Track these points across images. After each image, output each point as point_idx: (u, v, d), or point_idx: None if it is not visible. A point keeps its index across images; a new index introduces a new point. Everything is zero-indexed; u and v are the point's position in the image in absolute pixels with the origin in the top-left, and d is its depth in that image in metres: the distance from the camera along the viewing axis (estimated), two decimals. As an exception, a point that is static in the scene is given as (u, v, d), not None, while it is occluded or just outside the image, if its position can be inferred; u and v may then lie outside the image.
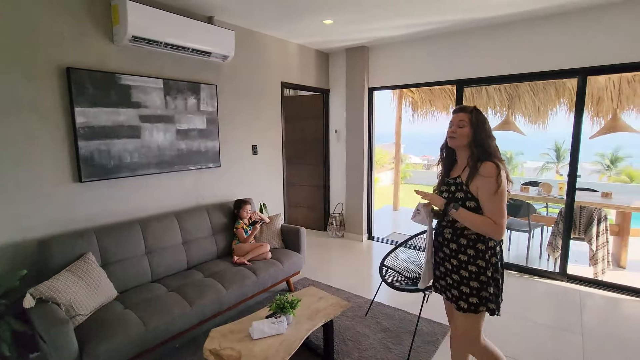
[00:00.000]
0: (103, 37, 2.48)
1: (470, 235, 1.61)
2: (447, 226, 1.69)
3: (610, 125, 4.61)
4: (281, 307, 2.02)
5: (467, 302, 1.61)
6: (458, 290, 1.64)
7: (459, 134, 1.62)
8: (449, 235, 1.68)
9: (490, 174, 1.52)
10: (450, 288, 1.69)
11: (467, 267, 1.61)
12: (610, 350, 2.37)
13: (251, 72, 3.66)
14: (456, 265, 1.65)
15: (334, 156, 4.94)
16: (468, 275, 1.61)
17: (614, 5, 2.92)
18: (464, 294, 1.62)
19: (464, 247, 1.62)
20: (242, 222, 3.11)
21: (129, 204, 2.71)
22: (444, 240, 1.71)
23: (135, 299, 2.25)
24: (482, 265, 1.58)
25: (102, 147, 2.48)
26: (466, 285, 1.61)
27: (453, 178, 1.69)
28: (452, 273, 1.67)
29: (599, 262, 3.47)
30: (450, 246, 1.67)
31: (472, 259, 1.60)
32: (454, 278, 1.66)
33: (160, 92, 2.81)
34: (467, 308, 1.61)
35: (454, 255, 1.66)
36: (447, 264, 1.70)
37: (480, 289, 1.58)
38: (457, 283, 1.64)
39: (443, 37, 3.83)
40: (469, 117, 1.62)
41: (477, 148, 1.59)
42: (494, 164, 1.54)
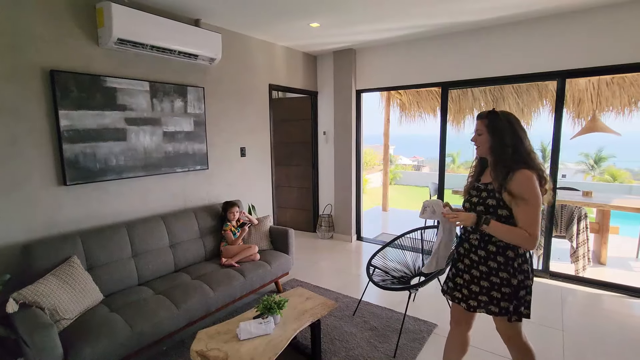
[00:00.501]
0: (88, 40, 2.47)
1: (498, 242, 1.57)
2: (475, 232, 1.64)
3: (589, 126, 4.75)
4: (268, 308, 2.04)
5: (498, 307, 1.58)
6: (488, 296, 1.61)
7: (479, 142, 1.61)
8: (477, 242, 1.63)
9: (523, 182, 1.46)
10: (477, 295, 1.64)
11: (497, 274, 1.58)
12: (589, 344, 2.45)
13: (239, 75, 3.67)
14: (486, 272, 1.61)
15: (323, 158, 4.98)
16: (499, 282, 1.58)
17: (591, 10, 3.03)
18: (494, 299, 1.59)
19: (492, 254, 1.59)
20: (230, 224, 3.12)
21: (115, 207, 2.70)
22: (471, 247, 1.66)
23: (121, 302, 2.25)
24: (511, 271, 1.56)
25: (87, 150, 2.46)
26: (497, 291, 1.58)
27: (484, 184, 1.64)
28: (481, 280, 1.63)
29: (580, 259, 3.57)
30: (478, 253, 1.63)
31: (502, 265, 1.57)
32: (482, 285, 1.62)
33: (146, 95, 2.80)
34: (498, 312, 1.59)
35: (482, 262, 1.62)
36: (474, 271, 1.65)
37: (511, 295, 1.56)
38: (487, 289, 1.61)
39: (428, 40, 3.91)
40: (484, 124, 1.59)
41: (496, 153, 1.55)
42: (528, 171, 1.47)
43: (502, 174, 1.52)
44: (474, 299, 1.66)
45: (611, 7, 2.94)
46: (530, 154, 1.54)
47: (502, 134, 1.54)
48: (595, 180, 12.87)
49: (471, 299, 1.67)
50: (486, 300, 1.62)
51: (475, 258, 1.65)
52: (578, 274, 3.53)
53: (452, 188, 5.44)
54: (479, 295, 1.64)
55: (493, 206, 1.56)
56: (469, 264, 1.68)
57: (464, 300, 1.70)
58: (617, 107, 5.19)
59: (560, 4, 2.91)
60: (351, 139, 4.62)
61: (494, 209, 1.55)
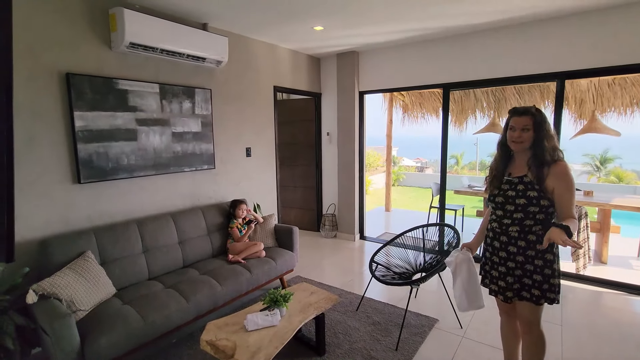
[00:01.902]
0: (101, 44, 2.58)
1: (538, 232, 1.65)
2: (514, 224, 1.69)
3: (588, 127, 4.80)
4: (274, 301, 2.12)
5: (529, 293, 1.67)
6: (520, 284, 1.69)
7: (525, 138, 1.65)
8: (516, 234, 1.69)
9: (565, 173, 1.59)
10: (512, 285, 1.72)
11: (533, 262, 1.66)
12: (587, 339, 2.51)
13: (244, 77, 3.77)
14: (521, 262, 1.68)
15: (326, 158, 5.06)
16: (533, 269, 1.66)
17: (589, 13, 3.09)
18: (526, 285, 1.68)
19: (532, 242, 1.66)
20: (236, 222, 3.21)
21: (127, 205, 2.80)
22: (510, 239, 1.71)
23: (133, 295, 2.34)
24: (549, 258, 1.64)
25: (100, 149, 2.56)
26: (529, 278, 1.67)
27: (518, 177, 1.70)
28: (516, 270, 1.70)
29: (581, 257, 3.61)
30: (518, 244, 1.69)
31: (540, 253, 1.64)
32: (516, 274, 1.70)
33: (156, 97, 2.91)
34: (529, 298, 1.67)
35: (521, 253, 1.69)
36: (510, 263, 1.72)
37: (543, 282, 1.65)
38: (519, 277, 1.69)
39: (430, 41, 3.98)
40: (532, 120, 1.64)
41: (539, 149, 1.62)
42: (564, 162, 1.61)
43: (544, 166, 1.62)
44: (510, 290, 1.74)
45: (608, 10, 3.00)
46: (559, 150, 1.67)
47: (545, 129, 1.64)
48: (601, 182, 12.84)
49: (508, 290, 1.75)
50: (518, 287, 1.71)
51: (513, 250, 1.71)
52: (579, 272, 3.58)
53: (454, 189, 5.51)
54: (514, 284, 1.73)
55: (535, 197, 1.63)
56: (505, 256, 1.74)
57: (501, 293, 1.78)
58: (618, 107, 5.22)
59: (560, 7, 2.98)
60: (354, 140, 4.70)
61: (536, 200, 1.63)
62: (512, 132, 1.70)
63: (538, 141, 1.64)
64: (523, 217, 1.67)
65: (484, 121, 6.16)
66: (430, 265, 2.92)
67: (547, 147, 1.63)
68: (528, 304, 1.70)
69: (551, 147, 1.63)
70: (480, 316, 2.80)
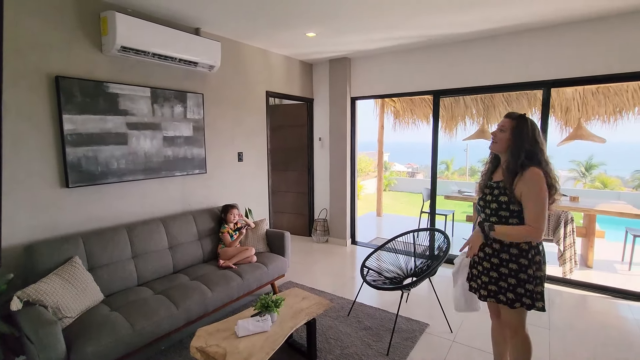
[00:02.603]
0: (92, 47, 2.56)
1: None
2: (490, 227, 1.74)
3: (574, 134, 4.92)
4: (266, 306, 2.11)
5: (505, 297, 1.71)
6: (497, 286, 1.73)
7: (499, 138, 1.70)
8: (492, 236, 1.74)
9: (532, 179, 1.59)
10: (487, 285, 1.77)
11: (507, 265, 1.69)
12: (573, 342, 2.55)
13: (237, 82, 3.78)
14: (496, 264, 1.73)
15: (318, 163, 5.08)
16: (507, 272, 1.69)
17: (574, 24, 3.19)
18: (502, 289, 1.72)
19: (507, 246, 1.70)
20: (227, 227, 3.19)
21: (116, 210, 2.76)
22: (489, 241, 1.77)
23: (121, 301, 2.30)
24: (524, 263, 1.66)
25: (89, 153, 2.53)
26: (504, 281, 1.70)
27: (496, 182, 1.76)
28: (491, 271, 1.75)
29: (567, 261, 3.68)
30: (493, 246, 1.75)
31: (514, 257, 1.68)
32: (491, 275, 1.75)
33: (147, 100, 2.89)
34: (505, 301, 1.71)
35: (495, 255, 1.73)
36: (485, 263, 1.78)
37: (517, 286, 1.67)
38: (496, 279, 1.73)
39: (420, 50, 4.05)
40: (511, 124, 1.68)
41: (513, 155, 1.64)
42: (537, 169, 1.60)
43: (514, 171, 1.65)
44: (485, 289, 1.79)
45: (593, 21, 3.11)
46: (546, 164, 1.65)
47: (523, 138, 1.64)
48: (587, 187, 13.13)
49: (482, 289, 1.81)
50: (495, 290, 1.74)
51: (489, 251, 1.77)
52: (565, 276, 3.64)
53: (444, 194, 5.58)
54: (488, 285, 1.77)
55: (505, 202, 1.68)
56: (482, 256, 1.81)
57: (477, 290, 1.85)
58: (602, 115, 5.37)
59: (545, 18, 3.07)
60: (346, 145, 4.73)
61: (506, 205, 1.68)
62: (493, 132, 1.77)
63: (513, 146, 1.67)
64: (497, 221, 1.73)
65: (473, 127, 6.27)
66: (420, 270, 2.94)
67: (522, 153, 1.64)
68: (506, 307, 1.74)
69: (527, 152, 1.64)
70: (470, 320, 2.82)
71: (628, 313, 2.96)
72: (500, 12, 2.91)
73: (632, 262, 4.12)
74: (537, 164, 1.63)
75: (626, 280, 3.73)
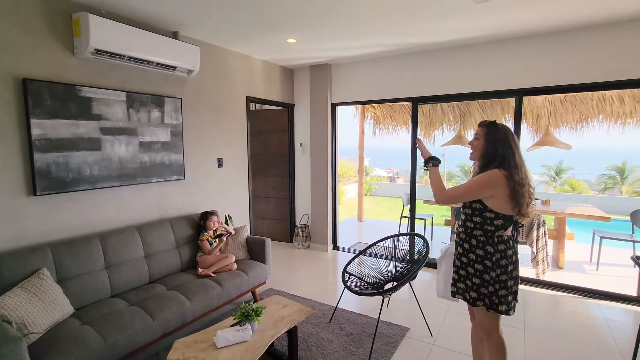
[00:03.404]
0: (63, 49, 2.46)
1: (479, 237, 1.76)
2: (461, 226, 1.85)
3: (543, 140, 5.15)
4: (246, 315, 2.07)
5: (469, 296, 1.79)
6: (464, 284, 1.83)
7: (475, 146, 1.79)
8: (463, 236, 1.84)
9: (485, 174, 1.69)
10: (456, 282, 1.87)
11: (473, 265, 1.79)
12: (548, 342, 2.64)
13: (216, 87, 3.73)
14: (465, 263, 1.82)
15: (299, 169, 5.07)
16: (473, 272, 1.79)
17: (543, 35, 3.34)
18: (468, 288, 1.81)
19: (474, 247, 1.79)
20: (206, 234, 3.12)
21: (88, 218, 2.65)
22: (459, 241, 1.87)
23: (93, 314, 2.20)
24: (488, 265, 1.74)
25: (59, 159, 2.42)
26: (470, 281, 1.80)
27: None
28: (460, 269, 1.85)
29: (540, 263, 3.82)
30: (464, 245, 1.84)
31: (479, 258, 1.76)
32: (460, 273, 1.85)
33: (122, 105, 2.80)
34: (471, 301, 1.79)
35: (465, 254, 1.83)
36: (456, 261, 1.89)
37: (480, 286, 1.76)
38: (464, 277, 1.83)
39: (400, 57, 4.14)
40: (483, 131, 1.75)
41: (487, 160, 1.72)
42: (497, 170, 1.67)
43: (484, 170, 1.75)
44: (454, 285, 1.89)
45: (560, 33, 3.27)
46: (519, 168, 1.68)
47: (496, 144, 1.71)
48: (557, 191, 13.73)
49: (453, 285, 1.90)
50: (463, 287, 1.83)
51: (460, 250, 1.86)
52: (538, 277, 3.77)
53: (423, 199, 5.68)
54: (457, 282, 1.86)
55: (478, 209, 1.75)
56: (456, 254, 1.90)
57: (453, 285, 1.92)
58: (570, 122, 5.65)
59: (517, 29, 3.21)
60: (327, 151, 4.75)
61: (478, 211, 1.75)
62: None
63: (487, 152, 1.75)
64: (473, 227, 1.79)
65: (451, 133, 6.44)
66: (401, 275, 2.97)
67: (497, 158, 1.70)
68: (480, 310, 1.80)
69: (497, 157, 1.70)
70: (450, 323, 2.87)
71: (598, 312, 3.10)
72: (473, 22, 3.02)
73: (599, 263, 4.32)
74: (502, 166, 1.68)
75: (594, 280, 3.90)
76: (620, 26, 3.04)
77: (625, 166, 13.11)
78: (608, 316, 3.01)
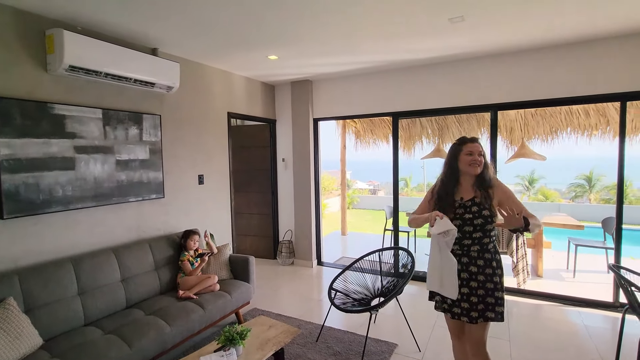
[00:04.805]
0: (35, 66, 2.37)
1: (491, 249, 1.79)
2: (474, 244, 1.79)
3: (519, 152, 5.35)
4: (230, 339, 1.98)
5: (493, 312, 1.74)
6: (484, 304, 1.75)
7: (481, 162, 1.83)
8: (476, 254, 1.78)
9: (504, 186, 1.84)
10: (477, 305, 1.76)
11: (492, 279, 1.76)
12: (532, 353, 2.66)
13: (197, 103, 3.68)
14: (482, 280, 1.77)
15: (282, 184, 5.03)
16: (493, 287, 1.76)
17: (515, 53, 3.52)
18: (490, 305, 1.74)
19: (488, 260, 1.78)
20: (187, 254, 3.01)
21: (60, 241, 2.51)
22: (470, 260, 1.79)
23: (64, 345, 2.05)
24: (499, 273, 1.78)
25: (29, 180, 2.30)
26: (491, 297, 1.75)
27: (470, 200, 1.83)
28: (479, 289, 1.76)
29: (520, 272, 3.90)
30: (477, 263, 1.78)
31: (495, 270, 1.77)
32: (479, 294, 1.76)
33: (98, 122, 2.71)
34: (494, 317, 1.74)
35: (481, 272, 1.77)
36: (472, 282, 1.78)
37: (503, 297, 1.77)
38: (483, 297, 1.76)
39: (380, 73, 4.24)
40: (482, 148, 1.87)
41: (485, 174, 1.84)
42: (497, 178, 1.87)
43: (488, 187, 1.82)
44: (475, 310, 1.77)
45: (531, 51, 3.45)
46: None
47: (485, 157, 1.87)
48: (531, 200, 14.23)
49: (473, 311, 1.77)
50: (483, 308, 1.76)
51: (474, 270, 1.79)
52: (520, 287, 3.84)
53: (406, 210, 5.74)
54: (478, 305, 1.76)
55: (489, 216, 1.78)
56: (467, 277, 1.80)
57: (465, 314, 1.79)
58: (541, 135, 5.91)
59: (491, 48, 3.36)
60: (309, 165, 4.75)
61: (491, 219, 1.78)
62: (470, 156, 1.83)
63: (485, 165, 1.85)
64: (482, 236, 1.78)
65: (429, 147, 6.60)
66: (388, 290, 2.96)
67: (488, 171, 1.86)
68: (481, 325, 1.77)
69: (490, 171, 1.88)
70: (437, 337, 2.86)
71: (578, 319, 3.17)
72: (449, 41, 3.14)
73: (575, 270, 4.46)
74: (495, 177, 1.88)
75: (572, 287, 4.02)
76: (582, 47, 3.25)
77: (592, 175, 13.79)
78: (588, 323, 3.09)
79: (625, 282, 2.00)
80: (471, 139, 1.88)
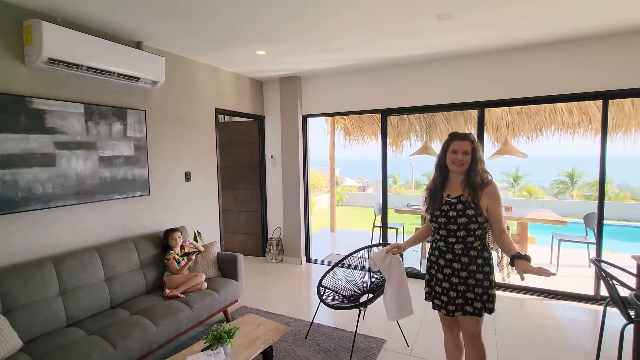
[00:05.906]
0: (11, 58, 2.28)
1: (478, 247, 1.78)
2: (458, 242, 1.80)
3: (502, 149, 5.44)
4: (218, 338, 1.96)
5: (472, 307, 1.77)
6: (463, 299, 1.79)
7: (466, 161, 1.79)
8: (460, 251, 1.80)
9: (495, 192, 1.78)
10: (454, 299, 1.81)
11: (474, 276, 1.77)
12: (518, 345, 2.72)
13: (184, 98, 3.61)
14: (464, 277, 1.78)
15: (271, 181, 4.99)
16: (474, 283, 1.77)
17: (502, 52, 3.56)
18: (469, 299, 1.77)
19: (474, 258, 1.78)
20: (173, 253, 2.96)
21: (41, 240, 2.43)
22: (454, 257, 1.81)
23: (45, 347, 1.99)
24: (487, 270, 1.78)
25: (6, 177, 2.21)
26: (471, 292, 1.77)
27: (456, 197, 1.82)
28: (459, 285, 1.79)
29: (505, 267, 3.98)
30: (461, 260, 1.79)
31: (480, 267, 1.77)
32: (459, 289, 1.79)
33: (80, 118, 2.63)
34: (472, 312, 1.77)
35: (464, 269, 1.79)
36: (454, 278, 1.81)
37: (484, 294, 1.76)
38: (463, 292, 1.79)
39: (369, 70, 4.23)
40: (471, 146, 1.80)
41: (473, 172, 1.78)
42: (495, 183, 1.80)
43: (477, 187, 1.78)
44: (452, 304, 1.82)
45: (517, 50, 3.49)
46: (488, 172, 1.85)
47: (478, 155, 1.81)
48: (516, 197, 14.53)
49: (450, 304, 1.83)
50: (462, 302, 1.79)
51: (457, 266, 1.81)
52: (504, 282, 3.92)
53: (394, 207, 5.78)
54: (456, 299, 1.81)
55: (473, 215, 1.76)
56: (449, 272, 1.83)
57: (443, 307, 1.86)
58: (526, 132, 6.02)
59: (478, 46, 3.38)
60: (298, 162, 4.72)
61: (475, 218, 1.76)
62: (454, 154, 1.82)
63: (473, 165, 1.80)
64: (465, 235, 1.78)
65: (418, 144, 6.65)
66: (376, 286, 2.97)
67: (480, 170, 1.81)
68: (472, 318, 1.80)
69: (482, 170, 1.82)
70: (425, 333, 2.90)
71: (561, 313, 3.25)
72: (436, 39, 3.16)
73: (559, 264, 4.57)
74: (490, 179, 1.82)
75: (555, 281, 4.11)
76: (565, 46, 3.31)
77: (574, 172, 14.16)
78: (570, 316, 3.17)
79: (606, 275, 2.05)
80: (461, 136, 1.83)
